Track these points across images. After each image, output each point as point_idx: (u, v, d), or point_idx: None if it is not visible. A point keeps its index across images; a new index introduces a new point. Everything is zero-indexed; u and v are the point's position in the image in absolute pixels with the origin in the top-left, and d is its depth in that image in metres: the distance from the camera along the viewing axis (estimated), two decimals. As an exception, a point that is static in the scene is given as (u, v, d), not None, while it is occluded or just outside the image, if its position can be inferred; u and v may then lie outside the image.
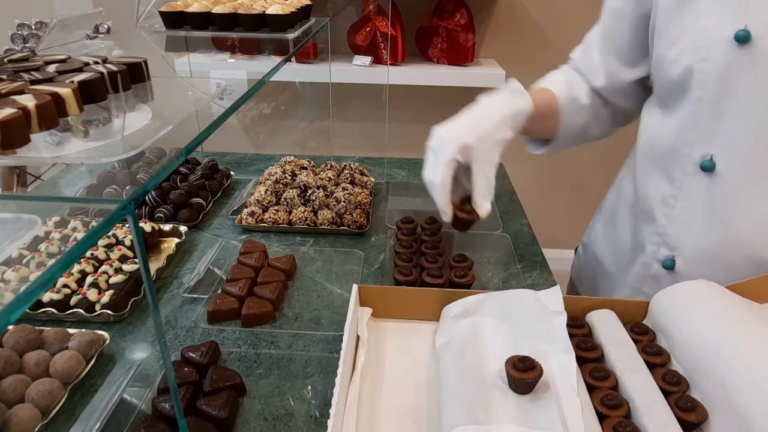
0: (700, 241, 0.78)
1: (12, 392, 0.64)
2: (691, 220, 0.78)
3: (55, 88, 0.47)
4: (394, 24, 1.92)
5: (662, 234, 0.82)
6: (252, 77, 1.29)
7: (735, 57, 0.69)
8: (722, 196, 0.74)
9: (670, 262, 0.81)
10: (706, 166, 0.74)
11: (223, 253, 1.03)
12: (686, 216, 0.79)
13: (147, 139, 0.48)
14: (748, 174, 0.72)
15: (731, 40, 0.68)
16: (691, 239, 0.79)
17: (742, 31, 0.67)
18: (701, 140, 0.75)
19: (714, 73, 0.71)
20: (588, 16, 2.32)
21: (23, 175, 0.81)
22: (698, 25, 0.72)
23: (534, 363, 0.61)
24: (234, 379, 0.70)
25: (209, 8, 0.93)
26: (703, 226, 0.77)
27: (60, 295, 0.84)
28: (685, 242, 0.80)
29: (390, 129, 2.21)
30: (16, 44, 0.76)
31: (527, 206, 1.24)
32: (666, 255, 0.82)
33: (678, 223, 0.80)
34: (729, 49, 0.69)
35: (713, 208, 0.75)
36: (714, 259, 0.77)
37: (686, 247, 0.80)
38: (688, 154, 0.76)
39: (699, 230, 0.78)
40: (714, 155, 0.73)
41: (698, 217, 0.77)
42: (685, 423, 0.56)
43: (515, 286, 0.94)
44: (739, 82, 0.69)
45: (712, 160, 0.74)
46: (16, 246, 0.87)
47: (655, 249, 0.84)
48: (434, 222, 1.07)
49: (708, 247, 0.77)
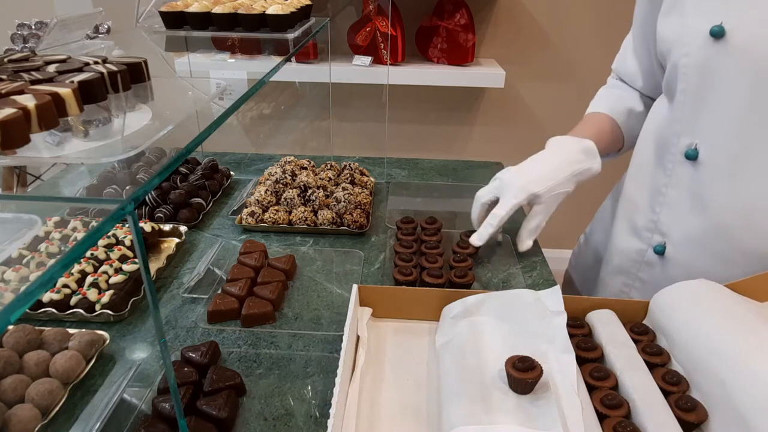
0: (687, 227, 0.81)
1: (12, 392, 0.64)
2: (679, 208, 0.82)
3: (55, 88, 0.47)
4: (394, 24, 1.92)
5: (655, 221, 0.86)
6: (252, 77, 1.29)
7: (712, 51, 0.73)
8: (706, 184, 0.78)
9: (661, 247, 0.86)
10: (690, 154, 0.79)
11: (223, 253, 1.03)
12: (675, 203, 0.83)
13: (147, 139, 0.48)
14: (729, 162, 0.75)
15: (707, 35, 0.73)
16: (679, 226, 0.83)
17: (716, 26, 0.71)
18: (686, 130, 0.79)
19: (694, 66, 0.76)
20: (588, 17, 2.32)
21: (23, 175, 0.81)
22: (683, 22, 0.77)
23: (534, 363, 0.61)
24: (234, 379, 0.70)
25: (209, 8, 0.93)
26: (690, 213, 0.80)
27: (60, 295, 0.84)
28: (675, 229, 0.84)
29: (390, 129, 2.21)
30: (16, 44, 0.76)
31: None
32: (658, 241, 0.86)
33: (669, 210, 0.84)
34: (706, 44, 0.73)
35: (698, 195, 0.79)
36: (701, 246, 0.80)
37: (675, 233, 0.84)
38: (676, 144, 0.81)
39: (686, 217, 0.81)
40: (697, 144, 0.78)
41: (686, 204, 0.81)
42: (685, 423, 0.56)
43: (515, 286, 0.94)
44: (717, 74, 0.74)
45: (696, 149, 0.78)
46: (16, 246, 0.87)
47: (648, 236, 0.88)
48: (434, 222, 1.07)
49: (695, 234, 0.81)
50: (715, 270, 0.77)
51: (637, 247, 0.90)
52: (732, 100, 0.73)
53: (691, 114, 0.78)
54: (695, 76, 0.76)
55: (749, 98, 0.71)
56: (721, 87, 0.74)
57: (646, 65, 0.95)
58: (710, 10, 0.73)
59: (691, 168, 0.79)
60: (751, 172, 0.73)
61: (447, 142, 2.29)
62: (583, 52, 2.12)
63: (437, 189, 1.34)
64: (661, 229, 0.86)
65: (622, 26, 1.06)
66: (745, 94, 0.71)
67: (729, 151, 0.75)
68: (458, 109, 2.23)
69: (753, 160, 0.73)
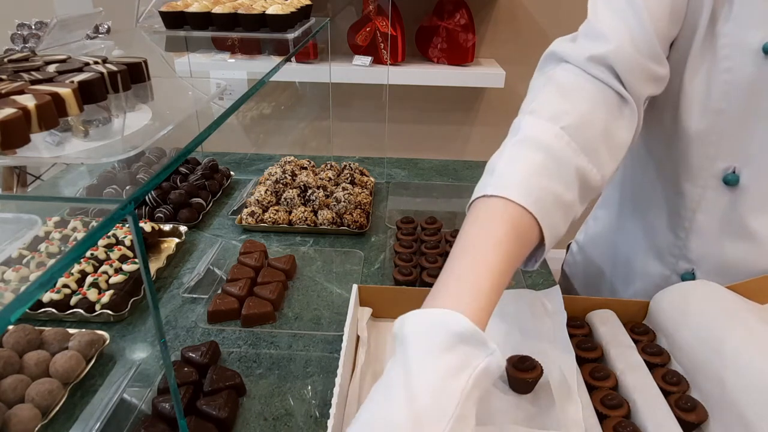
0: (722, 254, 0.76)
1: (12, 392, 0.64)
2: (710, 234, 0.76)
3: (55, 88, 0.47)
4: (394, 24, 1.92)
5: (681, 247, 0.80)
6: (252, 77, 1.30)
7: (764, 69, 0.64)
8: (746, 210, 0.71)
9: (690, 275, 0.79)
10: (729, 180, 0.71)
11: (223, 253, 1.03)
12: (705, 229, 0.76)
13: (147, 139, 0.48)
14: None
15: (758, 50, 0.64)
16: (712, 253, 0.77)
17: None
18: (724, 153, 0.71)
19: (739, 85, 0.67)
20: (588, 16, 2.29)
21: (23, 175, 0.81)
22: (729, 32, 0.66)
23: (534, 363, 0.60)
24: (234, 379, 0.70)
25: (209, 8, 0.93)
26: (725, 239, 0.75)
27: (60, 295, 0.84)
28: (706, 256, 0.77)
29: (390, 129, 2.21)
30: (16, 44, 0.75)
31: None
32: (685, 268, 0.80)
33: (697, 236, 0.77)
34: (756, 61, 0.64)
35: (736, 221, 0.73)
36: (737, 272, 0.75)
37: (707, 261, 0.78)
38: (708, 168, 0.73)
39: (720, 244, 0.75)
40: (737, 168, 0.71)
41: (718, 230, 0.75)
42: (685, 423, 0.56)
43: (515, 286, 0.94)
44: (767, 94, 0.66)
45: (736, 173, 0.71)
46: (16, 246, 0.87)
47: (673, 261, 0.81)
48: (434, 222, 1.07)
49: (730, 261, 0.75)
50: None
51: (660, 272, 0.84)
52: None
53: (732, 136, 0.70)
54: (739, 95, 0.67)
55: None
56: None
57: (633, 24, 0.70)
58: (759, 22, 0.64)
59: (728, 194, 0.72)
60: None
61: (447, 142, 2.29)
62: (583, 52, 2.11)
63: (437, 189, 1.34)
64: (689, 256, 0.79)
65: (622, 26, 1.05)
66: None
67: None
68: (458, 109, 2.23)
69: None
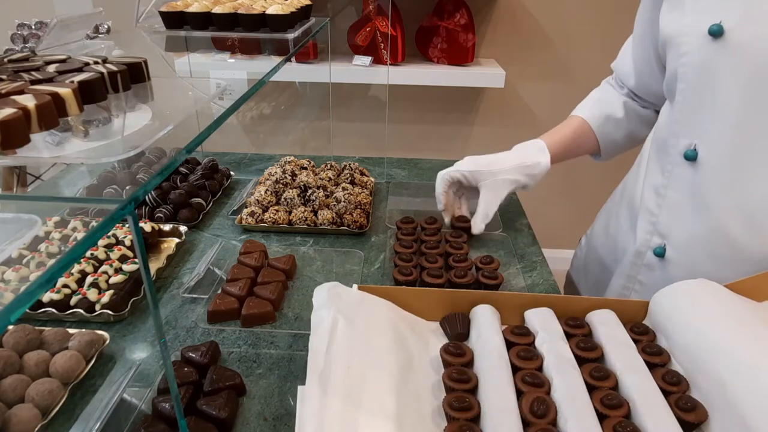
0: (687, 229, 0.81)
1: (12, 392, 0.64)
2: (679, 209, 0.82)
3: (55, 88, 0.47)
4: (394, 24, 1.92)
5: (654, 223, 0.86)
6: (252, 77, 1.29)
7: (711, 50, 0.72)
8: (705, 185, 0.77)
9: (661, 249, 0.85)
10: (689, 155, 0.78)
11: (223, 253, 1.03)
12: (675, 205, 0.82)
13: (147, 139, 0.48)
14: (728, 163, 0.75)
15: (706, 34, 0.72)
16: (679, 227, 0.82)
17: (715, 25, 0.71)
18: (685, 131, 0.79)
19: (693, 66, 0.75)
20: (588, 17, 2.31)
21: (23, 175, 0.81)
22: (682, 21, 0.77)
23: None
24: (234, 379, 0.70)
25: (209, 8, 0.93)
26: (690, 214, 0.80)
27: (60, 295, 0.84)
28: (674, 230, 0.83)
29: (390, 129, 2.21)
30: (16, 44, 0.75)
31: (527, 206, 1.24)
32: (657, 243, 0.86)
33: (668, 211, 0.83)
34: (705, 43, 0.73)
35: (698, 196, 0.78)
36: (701, 248, 0.80)
37: (675, 235, 0.83)
38: (675, 145, 0.81)
39: (686, 219, 0.81)
40: (696, 145, 0.77)
41: (685, 205, 0.81)
42: (685, 423, 0.56)
43: (515, 286, 0.95)
44: (716, 74, 0.73)
45: (695, 150, 0.77)
46: (16, 246, 0.87)
47: (648, 238, 0.87)
48: (434, 222, 1.07)
49: (694, 236, 0.80)
50: (715, 272, 0.76)
51: (636, 249, 0.90)
52: (731, 100, 0.72)
53: (690, 114, 0.78)
54: (694, 75, 0.76)
55: (748, 98, 0.70)
56: (720, 87, 0.73)
57: (640, 64, 0.95)
58: (709, 9, 0.73)
59: (690, 169, 0.79)
60: (751, 172, 0.73)
61: (447, 142, 2.29)
62: (583, 52, 2.12)
63: (437, 189, 1.34)
64: (661, 230, 0.85)
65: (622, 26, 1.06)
66: (744, 94, 0.71)
67: (728, 152, 0.74)
68: (458, 109, 2.23)
69: (753, 161, 0.73)
